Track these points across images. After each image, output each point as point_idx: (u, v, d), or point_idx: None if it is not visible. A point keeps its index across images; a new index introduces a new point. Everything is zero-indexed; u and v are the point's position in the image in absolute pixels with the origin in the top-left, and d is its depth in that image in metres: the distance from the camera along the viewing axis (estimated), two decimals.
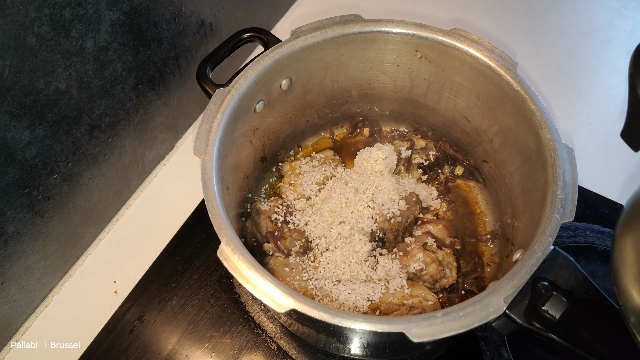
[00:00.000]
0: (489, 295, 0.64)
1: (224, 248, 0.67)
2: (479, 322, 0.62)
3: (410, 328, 0.61)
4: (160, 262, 0.99)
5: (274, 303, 0.63)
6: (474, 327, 0.62)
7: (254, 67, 0.84)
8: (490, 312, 0.63)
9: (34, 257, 0.88)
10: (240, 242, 0.69)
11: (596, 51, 1.30)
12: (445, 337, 0.61)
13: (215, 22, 1.09)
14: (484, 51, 0.86)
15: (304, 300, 0.63)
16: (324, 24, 0.89)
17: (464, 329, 0.62)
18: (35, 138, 0.78)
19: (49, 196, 0.86)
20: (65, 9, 0.74)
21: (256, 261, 0.67)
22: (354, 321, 0.62)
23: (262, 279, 0.65)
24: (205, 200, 0.71)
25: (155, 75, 0.98)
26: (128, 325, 0.93)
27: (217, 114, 0.79)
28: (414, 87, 0.99)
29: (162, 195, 1.09)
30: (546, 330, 0.65)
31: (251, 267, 0.66)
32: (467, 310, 0.63)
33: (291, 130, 1.02)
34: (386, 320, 0.63)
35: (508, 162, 0.91)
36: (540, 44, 1.30)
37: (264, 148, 0.97)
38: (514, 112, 0.84)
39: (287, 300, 0.63)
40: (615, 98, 1.21)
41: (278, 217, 0.91)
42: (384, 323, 0.62)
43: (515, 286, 0.65)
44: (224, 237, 0.68)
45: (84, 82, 0.83)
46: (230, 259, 0.67)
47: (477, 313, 0.63)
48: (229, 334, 0.91)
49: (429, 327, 0.61)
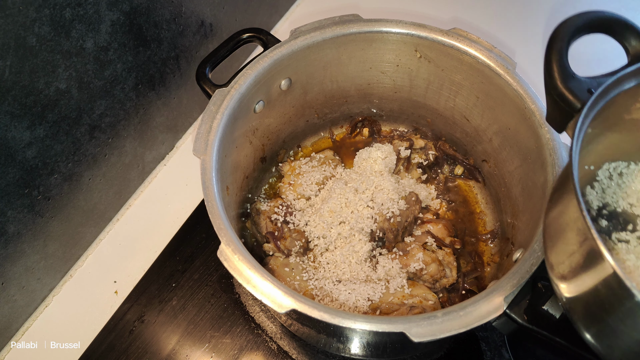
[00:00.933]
0: (489, 294, 0.64)
1: (224, 248, 0.67)
2: (479, 321, 0.63)
3: (411, 328, 0.61)
4: (160, 262, 0.99)
5: (274, 303, 0.63)
6: (474, 326, 0.62)
7: (254, 67, 0.84)
8: (490, 312, 0.63)
9: (34, 257, 0.88)
10: (240, 243, 0.69)
11: (596, 51, 1.30)
12: (446, 336, 0.61)
13: (215, 22, 1.09)
14: (483, 51, 0.86)
15: (304, 300, 0.63)
16: (323, 24, 0.89)
17: (465, 328, 0.62)
18: (35, 138, 0.78)
19: (49, 196, 0.86)
20: (65, 9, 0.74)
21: (256, 261, 0.67)
22: (354, 321, 0.62)
23: (262, 279, 0.65)
24: (205, 200, 0.72)
25: (155, 76, 0.99)
26: (128, 326, 0.93)
27: (216, 114, 0.80)
28: (414, 87, 0.99)
29: (162, 195, 1.09)
30: (546, 329, 0.65)
31: (251, 268, 0.66)
32: (467, 309, 0.63)
33: (291, 130, 1.02)
34: (386, 320, 0.63)
35: (507, 162, 0.91)
36: (540, 43, 1.30)
37: (263, 148, 0.98)
38: (514, 112, 0.84)
39: (288, 300, 0.63)
40: None
41: (278, 217, 0.91)
42: (384, 323, 0.62)
43: (516, 285, 0.65)
44: (224, 237, 0.68)
45: (84, 82, 0.83)
46: (230, 259, 0.67)
47: (478, 312, 0.63)
48: (229, 334, 0.91)
49: (429, 326, 0.62)
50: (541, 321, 0.65)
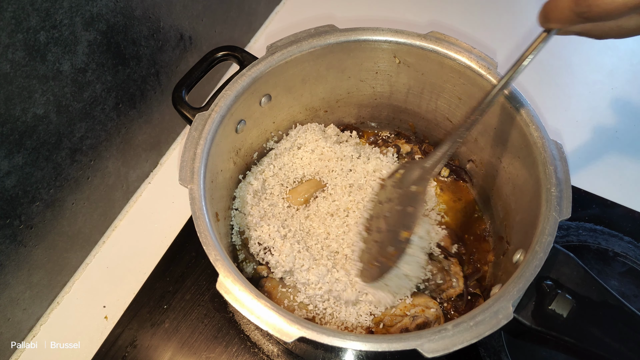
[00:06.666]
0: (496, 301, 0.64)
1: (222, 280, 0.65)
2: (490, 330, 0.62)
3: (423, 344, 0.60)
4: (150, 284, 0.97)
5: (281, 333, 0.61)
6: (485, 335, 0.61)
7: (232, 87, 0.82)
8: (500, 319, 0.62)
9: (18, 288, 0.85)
10: (238, 272, 0.66)
11: (577, 47, 1.31)
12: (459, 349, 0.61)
13: (194, 35, 1.07)
14: (463, 52, 0.85)
15: (310, 326, 0.61)
16: (299, 37, 0.87)
17: (477, 338, 0.61)
18: (14, 167, 0.76)
19: (31, 224, 0.83)
20: (39, 33, 0.71)
21: (257, 290, 0.65)
22: (364, 343, 0.61)
23: (267, 309, 0.63)
24: (197, 232, 0.69)
25: (135, 93, 0.96)
26: (121, 352, 0.90)
27: (199, 139, 0.77)
28: (394, 93, 0.99)
29: (148, 214, 1.07)
30: (555, 330, 0.65)
31: (254, 297, 0.63)
32: (477, 319, 0.62)
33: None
34: (397, 338, 0.61)
35: (494, 161, 0.90)
36: (520, 42, 1.30)
37: (247, 166, 0.96)
38: (498, 111, 0.84)
39: (294, 329, 0.61)
40: (598, 94, 1.22)
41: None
42: (396, 342, 0.61)
43: (522, 290, 0.64)
44: (221, 269, 0.66)
45: (62, 105, 0.80)
46: (230, 291, 0.64)
47: (488, 321, 0.62)
48: (225, 354, 0.90)
49: (441, 340, 0.61)
50: (549, 322, 0.65)
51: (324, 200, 0.92)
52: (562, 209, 0.71)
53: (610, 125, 1.17)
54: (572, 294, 0.66)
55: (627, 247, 0.98)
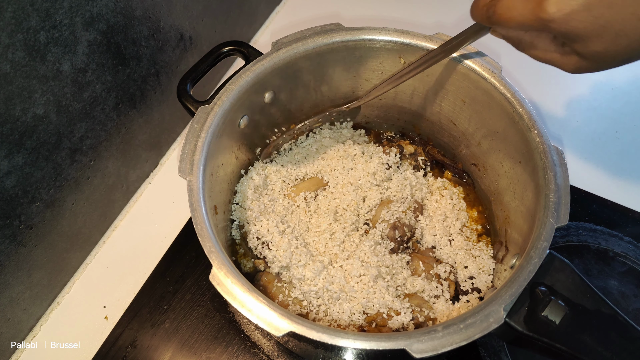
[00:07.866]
0: (488, 305, 0.64)
1: (215, 272, 0.65)
2: (480, 333, 0.62)
3: (412, 344, 0.60)
4: (150, 284, 0.97)
5: (270, 327, 0.62)
6: (475, 338, 0.61)
7: (236, 82, 0.82)
8: (491, 323, 0.62)
9: (18, 288, 0.85)
10: (232, 265, 0.67)
11: None
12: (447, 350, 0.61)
13: (194, 35, 1.07)
14: (468, 55, 0.85)
15: (300, 321, 0.62)
16: (305, 34, 0.87)
17: (466, 341, 0.61)
18: (14, 167, 0.75)
19: (31, 224, 0.83)
20: (39, 33, 0.71)
21: (250, 284, 0.65)
22: (354, 340, 0.61)
23: (257, 302, 0.63)
24: (193, 223, 0.69)
25: (135, 94, 0.96)
26: (121, 352, 0.90)
27: (200, 132, 0.77)
28: (398, 93, 0.98)
29: (148, 214, 1.06)
30: (547, 336, 0.64)
31: (245, 290, 0.64)
32: (467, 322, 0.62)
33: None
34: (386, 337, 0.61)
35: (497, 165, 0.90)
36: None
37: (249, 162, 0.96)
38: (501, 115, 0.84)
39: (284, 322, 0.62)
40: (598, 94, 1.22)
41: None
42: (384, 340, 0.61)
43: (515, 294, 0.64)
44: (215, 261, 0.66)
45: (62, 105, 0.80)
46: (222, 283, 0.65)
47: (478, 324, 0.62)
48: (226, 354, 0.90)
49: (430, 341, 0.61)
50: (541, 328, 0.64)
51: (324, 199, 0.93)
52: (559, 215, 0.70)
53: (610, 125, 1.17)
54: (566, 301, 0.65)
55: (627, 247, 0.98)
